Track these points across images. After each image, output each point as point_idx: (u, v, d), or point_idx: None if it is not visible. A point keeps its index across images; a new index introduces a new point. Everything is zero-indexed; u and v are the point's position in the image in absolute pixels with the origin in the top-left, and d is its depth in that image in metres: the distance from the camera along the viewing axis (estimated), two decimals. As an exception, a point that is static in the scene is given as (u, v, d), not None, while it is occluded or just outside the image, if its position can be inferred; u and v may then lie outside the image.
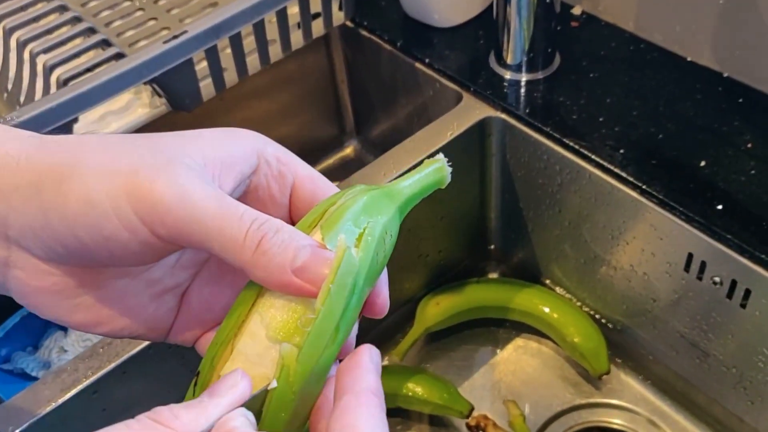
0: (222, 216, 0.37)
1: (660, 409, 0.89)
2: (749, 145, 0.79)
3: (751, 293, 0.73)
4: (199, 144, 0.40)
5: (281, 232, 0.37)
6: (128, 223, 0.37)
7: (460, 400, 0.88)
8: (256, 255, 0.37)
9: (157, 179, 0.37)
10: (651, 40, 0.93)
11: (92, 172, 0.37)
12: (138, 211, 0.37)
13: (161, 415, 0.34)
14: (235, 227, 0.37)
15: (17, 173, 0.38)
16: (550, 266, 0.97)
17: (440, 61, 0.95)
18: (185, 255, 0.44)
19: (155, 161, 0.37)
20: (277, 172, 0.43)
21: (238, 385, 0.37)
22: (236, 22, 0.82)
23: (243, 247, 0.37)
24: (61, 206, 0.37)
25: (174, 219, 0.36)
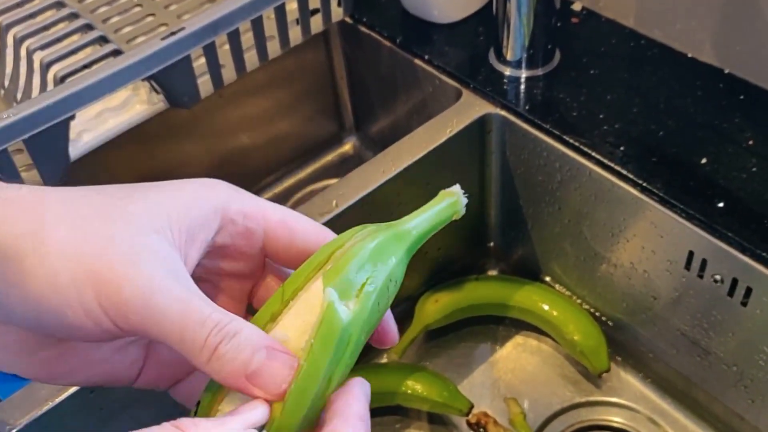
0: (184, 322, 0.36)
1: (660, 408, 0.89)
2: (750, 142, 0.79)
3: (752, 291, 0.72)
4: (165, 211, 0.39)
5: (238, 336, 0.37)
6: (93, 315, 0.36)
7: (459, 398, 0.88)
8: (212, 360, 0.37)
9: (125, 277, 0.36)
10: (651, 36, 0.92)
11: (56, 252, 0.36)
12: (103, 305, 0.36)
13: (184, 424, 0.35)
14: (196, 333, 0.36)
15: None
16: (550, 264, 0.97)
17: (440, 57, 0.94)
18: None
19: (123, 248, 0.37)
20: (243, 228, 0.42)
21: (257, 408, 0.37)
22: (234, 18, 0.82)
23: (201, 352, 0.37)
24: (22, 286, 0.36)
25: (138, 319, 0.36)
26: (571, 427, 0.89)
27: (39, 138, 0.73)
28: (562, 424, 0.89)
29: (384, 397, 0.88)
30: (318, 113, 1.17)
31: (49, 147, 0.75)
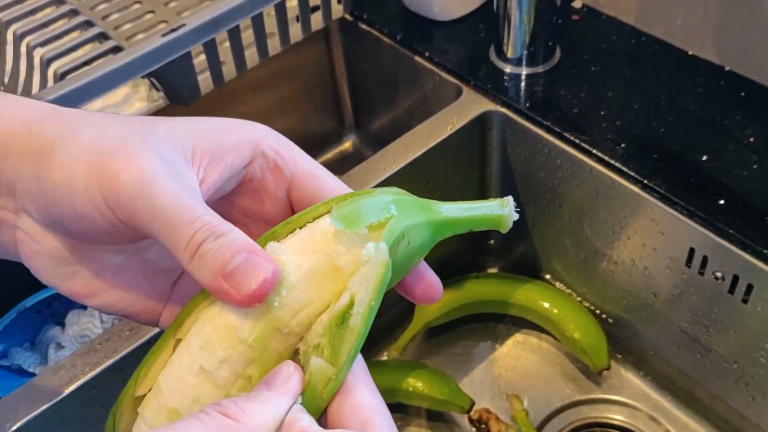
0: (175, 217, 0.37)
1: (661, 405, 0.89)
2: (751, 139, 0.79)
3: (753, 288, 0.72)
4: (192, 132, 0.40)
5: (223, 237, 0.37)
6: (96, 203, 0.38)
7: (460, 395, 0.88)
8: (195, 258, 0.37)
9: (127, 166, 0.37)
10: (652, 33, 0.92)
11: (78, 147, 0.38)
12: (104, 193, 0.37)
13: (229, 408, 0.35)
14: (184, 229, 0.37)
15: (27, 140, 0.39)
16: (550, 261, 0.97)
17: (440, 54, 0.94)
18: None
19: (134, 146, 0.38)
20: (273, 164, 0.42)
21: (293, 377, 0.37)
22: (235, 15, 0.82)
23: (186, 249, 0.37)
24: (48, 176, 0.38)
25: (133, 208, 0.37)
26: (571, 425, 0.89)
27: (39, 135, 0.73)
28: (562, 421, 0.89)
29: (384, 394, 0.87)
30: (318, 110, 1.17)
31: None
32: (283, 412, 0.36)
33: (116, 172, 0.37)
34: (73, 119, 0.40)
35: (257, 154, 0.42)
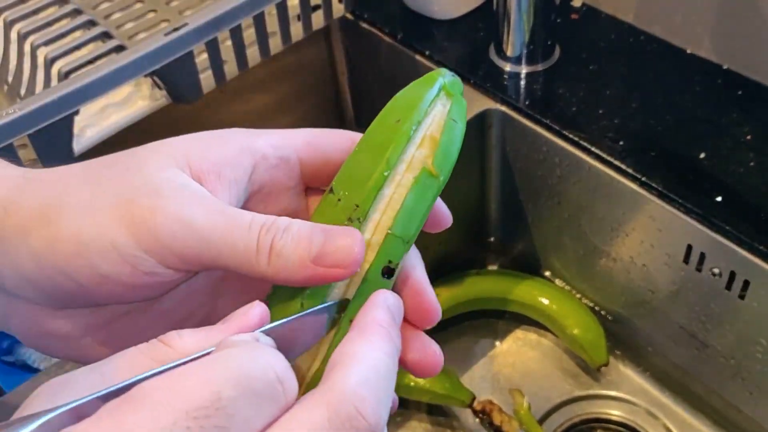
0: (230, 231, 0.35)
1: (659, 401, 0.90)
2: (748, 137, 0.79)
3: (749, 284, 0.73)
4: (184, 153, 0.38)
5: (290, 229, 0.35)
6: (131, 258, 0.35)
7: (462, 389, 0.89)
8: (272, 260, 0.35)
9: (155, 207, 0.35)
10: (651, 32, 0.93)
11: (80, 209, 0.35)
12: (141, 243, 0.35)
13: (168, 336, 0.33)
14: (246, 239, 0.35)
15: (5, 221, 0.36)
16: (550, 258, 0.98)
17: (440, 53, 0.95)
18: (196, 282, 0.41)
19: (148, 187, 0.36)
20: (277, 160, 0.40)
21: (250, 312, 0.34)
22: (237, 14, 0.82)
23: (258, 256, 0.35)
24: (51, 251, 0.35)
25: (182, 245, 0.35)
26: (570, 421, 0.89)
27: (43, 133, 0.74)
28: (561, 417, 0.90)
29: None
30: (319, 109, 1.17)
31: (53, 142, 0.76)
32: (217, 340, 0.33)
33: (150, 217, 0.35)
34: (54, 184, 0.37)
35: (258, 160, 0.40)
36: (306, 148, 0.41)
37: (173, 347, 0.32)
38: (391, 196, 0.39)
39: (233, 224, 0.35)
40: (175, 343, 0.32)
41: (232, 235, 0.35)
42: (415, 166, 0.39)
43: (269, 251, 0.35)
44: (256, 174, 0.40)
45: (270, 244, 0.35)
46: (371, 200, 0.39)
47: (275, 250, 0.35)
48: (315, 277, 0.35)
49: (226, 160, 0.39)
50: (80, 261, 0.35)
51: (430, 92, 0.41)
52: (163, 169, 0.36)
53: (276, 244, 0.35)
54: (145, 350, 0.32)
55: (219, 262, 0.35)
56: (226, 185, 0.38)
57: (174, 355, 0.32)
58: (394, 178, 0.39)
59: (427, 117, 0.41)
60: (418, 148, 0.40)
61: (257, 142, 0.40)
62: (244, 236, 0.35)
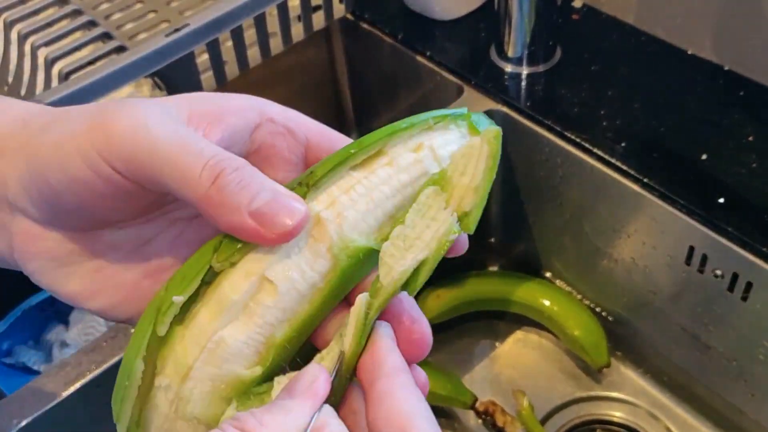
0: (179, 147, 0.35)
1: (660, 402, 0.89)
2: (750, 138, 0.79)
3: (752, 286, 0.73)
4: (186, 97, 0.38)
5: (242, 170, 0.35)
6: (90, 161, 0.35)
7: (463, 391, 0.88)
8: (211, 190, 0.34)
9: (118, 114, 0.36)
10: (652, 32, 0.93)
11: (69, 121, 0.37)
12: (96, 146, 0.35)
13: (246, 422, 0.33)
14: (192, 160, 0.35)
15: (21, 135, 0.38)
16: (551, 259, 0.97)
17: (441, 54, 0.95)
18: (187, 231, 0.42)
19: (126, 103, 0.37)
20: (283, 128, 0.40)
21: (318, 379, 0.35)
22: (238, 15, 0.82)
23: (199, 181, 0.34)
24: (38, 154, 0.37)
25: (130, 150, 0.35)
26: (571, 422, 0.89)
27: (44, 134, 0.73)
28: (562, 418, 0.90)
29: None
30: (319, 109, 1.17)
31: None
32: (305, 421, 0.34)
33: (109, 124, 0.35)
34: (62, 108, 0.39)
35: (264, 120, 0.40)
36: (317, 134, 0.41)
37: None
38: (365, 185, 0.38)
39: (184, 141, 0.35)
40: (256, 429, 0.33)
41: (179, 151, 0.35)
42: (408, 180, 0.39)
43: (213, 181, 0.34)
44: (258, 132, 0.40)
45: (216, 174, 0.34)
46: (328, 169, 0.38)
47: (218, 183, 0.34)
48: (243, 229, 0.35)
49: (232, 108, 0.39)
50: (54, 164, 0.36)
51: (442, 110, 0.41)
52: (150, 102, 0.37)
53: (221, 177, 0.34)
54: None
55: (162, 177, 0.35)
56: (223, 129, 0.38)
57: None
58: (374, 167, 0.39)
59: (432, 130, 0.40)
60: (411, 152, 0.39)
61: (270, 106, 0.40)
62: (191, 156, 0.35)
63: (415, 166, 0.39)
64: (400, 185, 0.38)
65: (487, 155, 0.39)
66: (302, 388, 0.35)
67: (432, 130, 0.40)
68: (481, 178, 0.39)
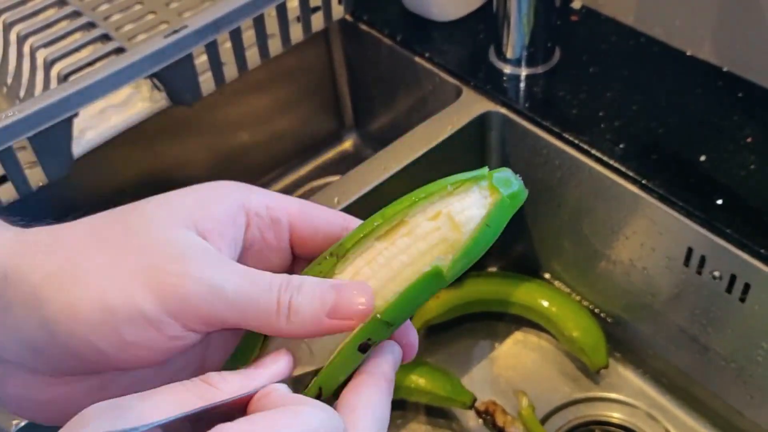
0: (254, 293, 0.37)
1: (659, 404, 0.89)
2: (749, 139, 0.79)
3: (750, 287, 0.73)
4: (188, 212, 0.38)
5: (304, 286, 0.38)
6: (158, 324, 0.36)
7: (463, 391, 0.88)
8: (291, 316, 0.37)
9: (185, 273, 0.36)
10: (651, 34, 0.93)
11: (100, 275, 0.36)
12: (168, 309, 0.35)
13: (211, 377, 0.36)
14: (267, 299, 0.37)
15: (7, 290, 0.36)
16: (550, 260, 0.97)
17: (440, 55, 0.95)
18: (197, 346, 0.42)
19: (171, 251, 0.36)
20: (269, 220, 0.42)
21: (280, 360, 0.38)
22: (236, 16, 0.82)
23: (279, 314, 0.37)
24: (71, 319, 0.35)
25: (209, 309, 0.36)
26: (570, 423, 0.89)
27: (43, 136, 0.73)
28: (561, 419, 0.90)
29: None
30: (318, 111, 1.17)
31: (52, 144, 0.75)
32: (259, 383, 0.37)
33: (178, 284, 0.35)
34: (62, 251, 0.36)
35: (251, 217, 0.41)
36: (298, 214, 0.43)
37: (218, 387, 0.35)
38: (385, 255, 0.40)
39: (256, 286, 0.37)
40: (218, 383, 0.35)
41: (255, 297, 0.37)
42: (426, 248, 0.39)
43: (288, 309, 0.37)
44: (248, 231, 0.41)
45: (288, 303, 0.37)
46: (354, 241, 0.40)
47: (293, 308, 0.37)
48: (329, 330, 0.38)
49: (226, 218, 0.40)
50: (105, 328, 0.35)
51: (463, 174, 0.41)
52: (173, 228, 0.38)
53: (293, 303, 0.37)
54: (192, 388, 0.35)
55: (242, 322, 0.37)
56: (227, 243, 0.39)
57: (219, 394, 0.35)
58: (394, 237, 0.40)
59: (451, 196, 0.40)
60: (429, 220, 0.40)
61: (252, 201, 0.41)
62: (265, 297, 0.37)
63: (433, 234, 0.39)
64: (418, 253, 0.39)
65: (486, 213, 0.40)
66: (266, 362, 0.38)
67: (451, 196, 0.40)
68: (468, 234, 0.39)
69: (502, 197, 0.40)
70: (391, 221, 0.40)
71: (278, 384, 0.37)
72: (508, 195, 0.40)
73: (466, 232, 0.39)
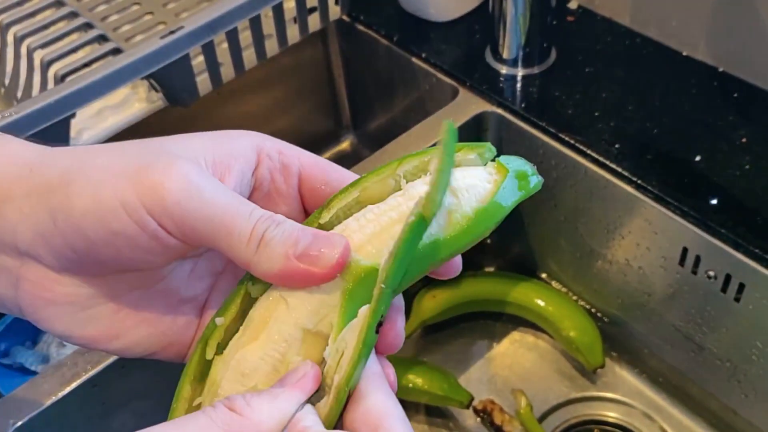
0: (231, 214, 0.37)
1: (655, 403, 0.90)
2: (744, 139, 0.80)
3: (745, 287, 0.73)
4: (197, 145, 0.40)
5: (283, 224, 0.37)
6: (137, 216, 0.36)
7: (460, 390, 0.89)
8: (260, 248, 0.37)
9: (166, 173, 0.37)
10: (647, 34, 0.93)
11: (98, 172, 0.37)
12: (146, 204, 0.36)
13: (235, 403, 0.35)
14: (244, 224, 0.37)
15: (30, 180, 0.38)
16: (546, 260, 0.98)
17: (436, 55, 0.95)
18: (200, 264, 0.44)
19: (162, 159, 0.37)
20: (279, 164, 0.42)
21: (308, 375, 0.37)
22: (233, 17, 0.83)
23: (249, 242, 0.37)
24: (69, 207, 0.37)
25: (182, 213, 0.36)
26: (566, 423, 0.89)
27: (40, 136, 0.74)
28: (558, 419, 0.90)
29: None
30: (316, 110, 1.17)
31: (49, 145, 0.76)
32: (290, 410, 0.36)
33: (158, 181, 0.36)
34: (78, 154, 0.39)
35: (263, 158, 0.42)
36: (310, 164, 0.43)
37: (244, 415, 0.35)
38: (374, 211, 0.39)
39: (236, 207, 0.37)
40: (244, 410, 0.35)
41: (232, 217, 0.37)
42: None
43: (260, 239, 0.37)
44: (258, 170, 0.42)
45: (262, 233, 0.37)
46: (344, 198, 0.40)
47: (265, 240, 0.37)
48: (291, 272, 0.37)
49: (237, 152, 0.41)
50: (93, 217, 0.37)
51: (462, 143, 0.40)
52: (179, 156, 0.38)
53: (267, 235, 0.37)
54: (216, 418, 0.35)
55: (214, 240, 0.37)
56: (235, 176, 0.40)
57: (246, 424, 0.35)
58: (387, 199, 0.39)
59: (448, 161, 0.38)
60: (427, 184, 0.38)
61: (265, 142, 0.42)
62: (243, 221, 0.37)
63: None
64: (409, 211, 0.37)
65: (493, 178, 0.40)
66: (292, 380, 0.37)
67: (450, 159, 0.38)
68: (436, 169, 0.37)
69: (507, 173, 0.40)
70: (380, 173, 0.41)
71: (306, 412, 0.36)
72: (515, 174, 0.40)
73: (466, 200, 0.39)
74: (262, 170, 0.42)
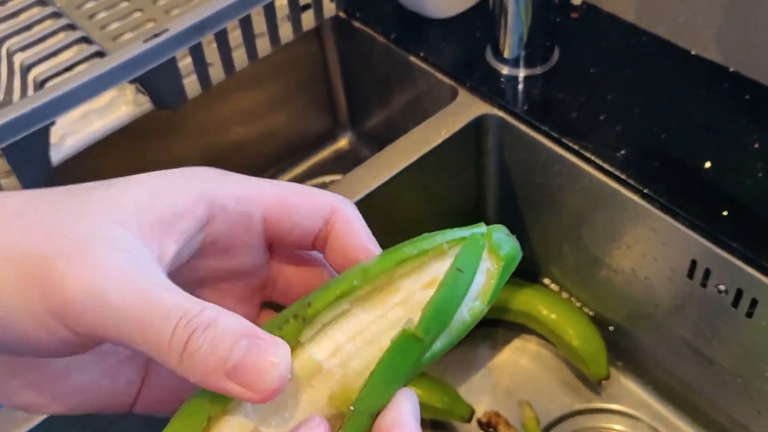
0: (143, 314, 0.31)
1: (662, 415, 0.87)
2: (756, 145, 0.76)
3: (757, 303, 0.70)
4: (131, 202, 0.34)
5: (213, 326, 0.31)
6: (42, 323, 0.32)
7: (461, 404, 0.86)
8: (184, 358, 0.31)
9: (67, 271, 0.31)
10: (654, 32, 0.89)
11: (4, 252, 0.32)
12: (50, 309, 0.31)
13: None
14: (159, 327, 0.31)
15: None
16: (549, 266, 0.95)
17: (435, 54, 0.91)
18: None
19: (67, 241, 0.32)
20: (236, 214, 0.37)
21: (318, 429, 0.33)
22: (221, 18, 0.79)
23: (170, 350, 0.31)
24: None
25: (90, 319, 0.31)
26: (570, 435, 0.87)
27: (17, 146, 0.71)
28: (561, 431, 0.87)
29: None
30: (312, 108, 1.14)
31: (28, 154, 0.73)
32: None
33: (60, 284, 0.31)
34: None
35: (215, 212, 0.36)
36: (275, 206, 0.38)
37: None
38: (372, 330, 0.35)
39: (150, 309, 0.31)
40: None
41: (144, 319, 0.31)
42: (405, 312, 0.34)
43: (183, 348, 0.31)
44: (211, 226, 0.37)
45: (185, 341, 0.31)
46: (327, 303, 0.34)
47: (189, 349, 0.31)
48: (226, 392, 0.31)
49: (181, 208, 0.35)
50: (1, 323, 0.32)
51: (454, 232, 0.36)
52: (103, 221, 0.33)
53: (191, 344, 0.31)
54: None
55: (132, 345, 0.32)
56: (177, 238, 0.35)
57: None
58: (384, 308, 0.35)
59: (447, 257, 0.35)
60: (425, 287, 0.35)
61: (218, 191, 0.36)
62: (158, 325, 0.31)
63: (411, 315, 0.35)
64: (391, 346, 0.34)
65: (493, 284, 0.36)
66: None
67: (447, 256, 0.35)
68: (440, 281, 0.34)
69: (503, 264, 0.36)
70: (374, 281, 0.35)
71: None
72: (504, 256, 0.36)
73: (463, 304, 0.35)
74: (216, 226, 0.37)
